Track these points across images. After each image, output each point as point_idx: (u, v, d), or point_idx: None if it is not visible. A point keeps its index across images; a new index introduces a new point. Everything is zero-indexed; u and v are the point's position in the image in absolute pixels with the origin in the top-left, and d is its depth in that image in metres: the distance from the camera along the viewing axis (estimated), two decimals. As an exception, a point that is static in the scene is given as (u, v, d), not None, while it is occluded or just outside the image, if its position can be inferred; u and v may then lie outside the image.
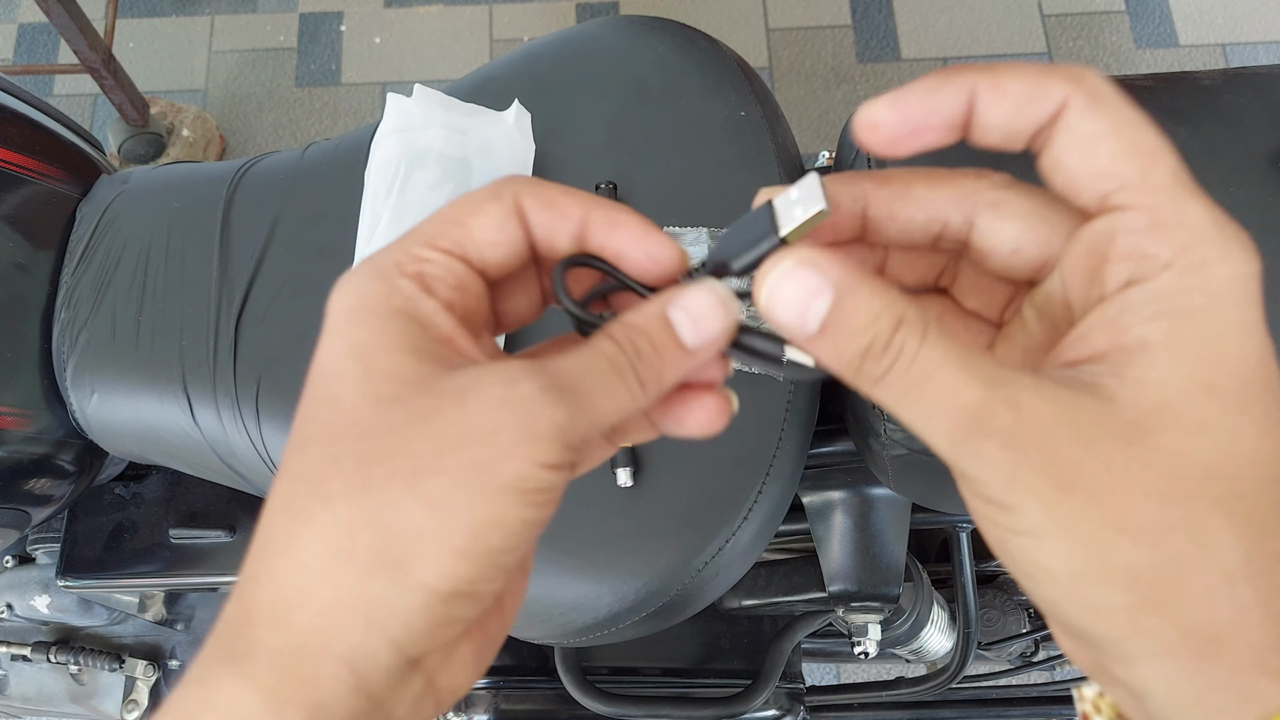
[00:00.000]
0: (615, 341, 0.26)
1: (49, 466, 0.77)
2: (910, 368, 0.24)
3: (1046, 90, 0.24)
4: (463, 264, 0.27)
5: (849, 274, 0.25)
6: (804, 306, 0.25)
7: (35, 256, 0.76)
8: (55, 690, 1.04)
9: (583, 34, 0.79)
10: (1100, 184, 0.24)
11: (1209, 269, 0.23)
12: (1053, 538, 0.23)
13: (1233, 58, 1.74)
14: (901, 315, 0.24)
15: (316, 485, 0.24)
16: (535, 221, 0.27)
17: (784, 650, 0.88)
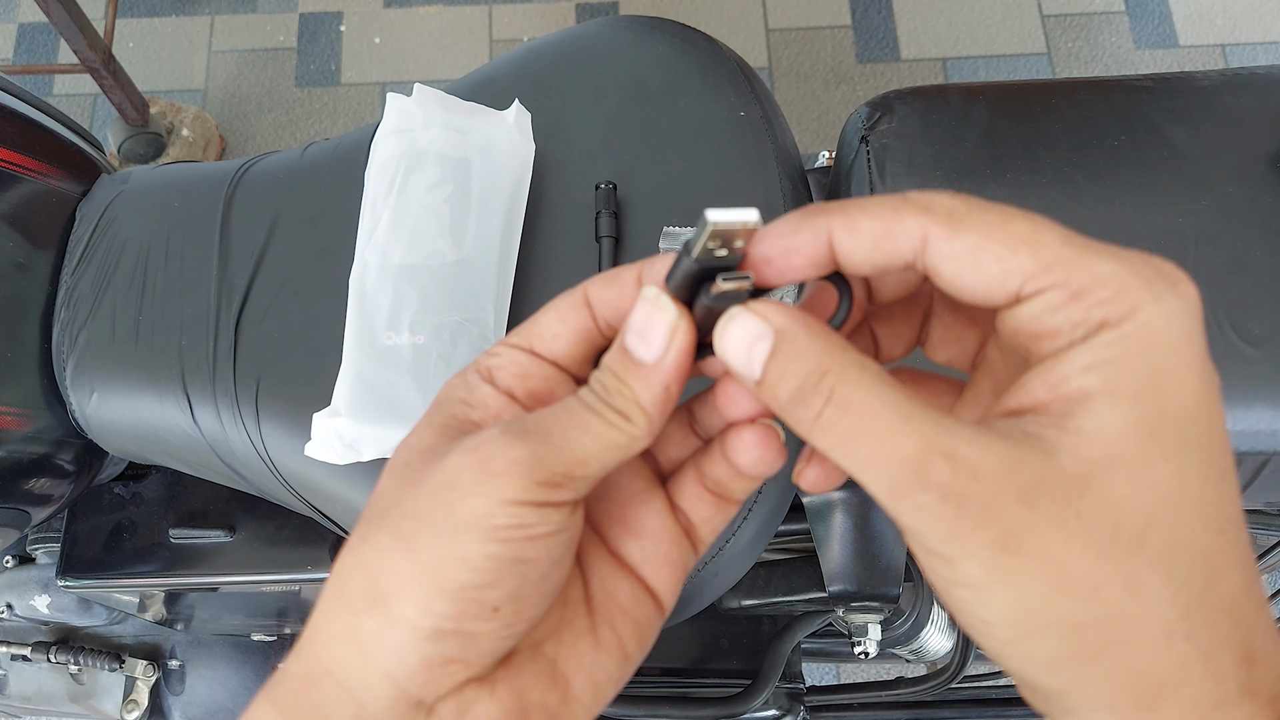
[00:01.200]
0: (589, 385, 0.28)
1: (48, 466, 0.77)
2: (845, 414, 0.24)
3: (901, 226, 0.25)
4: (528, 354, 0.29)
5: (790, 319, 0.25)
6: (749, 351, 0.26)
7: (35, 256, 0.76)
8: (55, 690, 1.04)
9: (582, 34, 0.79)
10: (1003, 287, 0.24)
11: (1139, 314, 0.23)
12: (992, 591, 0.23)
13: (1232, 58, 1.74)
14: (836, 360, 0.25)
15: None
16: (601, 302, 0.29)
17: (784, 650, 0.88)
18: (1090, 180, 0.66)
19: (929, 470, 0.23)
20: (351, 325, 0.67)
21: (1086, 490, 0.22)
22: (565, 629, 0.29)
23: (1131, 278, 0.23)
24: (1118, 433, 0.23)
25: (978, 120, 0.69)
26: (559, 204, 0.72)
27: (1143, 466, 0.22)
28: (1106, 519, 0.22)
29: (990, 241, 0.24)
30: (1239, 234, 0.64)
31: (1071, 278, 0.23)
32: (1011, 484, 0.23)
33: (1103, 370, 0.23)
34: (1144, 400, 0.23)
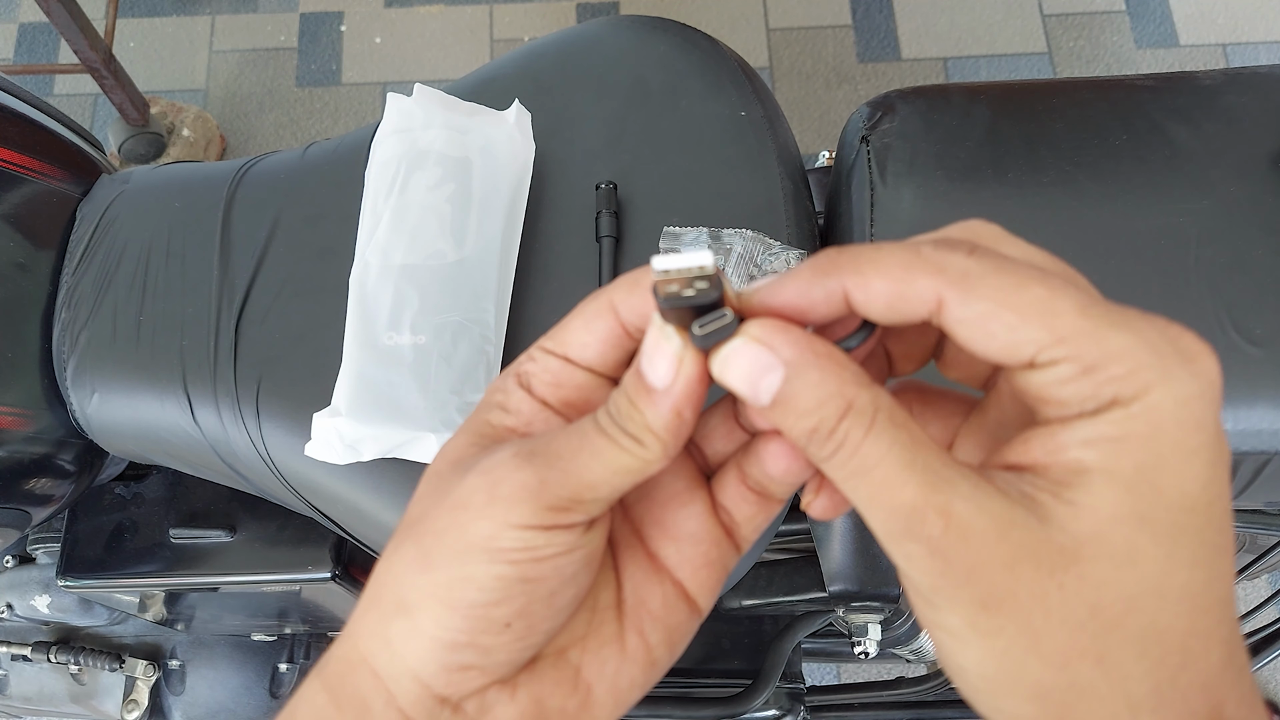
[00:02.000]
0: (605, 406, 0.27)
1: (49, 466, 0.77)
2: (853, 458, 0.24)
3: (914, 290, 0.24)
4: (562, 361, 0.29)
5: (801, 353, 0.25)
6: (755, 381, 0.25)
7: (36, 256, 0.76)
8: (55, 690, 1.04)
9: (583, 34, 0.79)
10: (1015, 355, 0.24)
11: (1150, 395, 0.22)
12: (970, 643, 0.24)
13: (1233, 58, 1.73)
14: (850, 402, 0.24)
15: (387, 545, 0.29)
16: (628, 309, 0.28)
17: (784, 650, 0.88)
18: (1092, 179, 0.66)
19: (922, 522, 0.23)
20: (352, 325, 0.67)
21: (1072, 565, 0.23)
22: (592, 636, 0.29)
23: (1146, 354, 0.23)
24: (1109, 515, 0.23)
25: (979, 120, 0.69)
26: (560, 204, 0.72)
27: (1131, 551, 0.23)
28: (1087, 598, 0.23)
29: (1003, 309, 0.23)
30: (1241, 233, 0.64)
31: (1084, 352, 0.23)
32: (999, 547, 0.23)
33: (1103, 448, 0.23)
34: (1140, 486, 0.23)
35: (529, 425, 0.29)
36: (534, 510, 0.26)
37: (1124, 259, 0.64)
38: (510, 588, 0.26)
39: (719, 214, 0.70)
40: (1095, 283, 0.55)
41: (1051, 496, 0.23)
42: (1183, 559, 0.23)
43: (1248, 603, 0.85)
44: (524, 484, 0.26)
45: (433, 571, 0.27)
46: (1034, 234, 0.61)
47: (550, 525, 0.26)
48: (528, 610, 0.27)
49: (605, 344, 0.29)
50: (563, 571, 0.27)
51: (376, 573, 0.29)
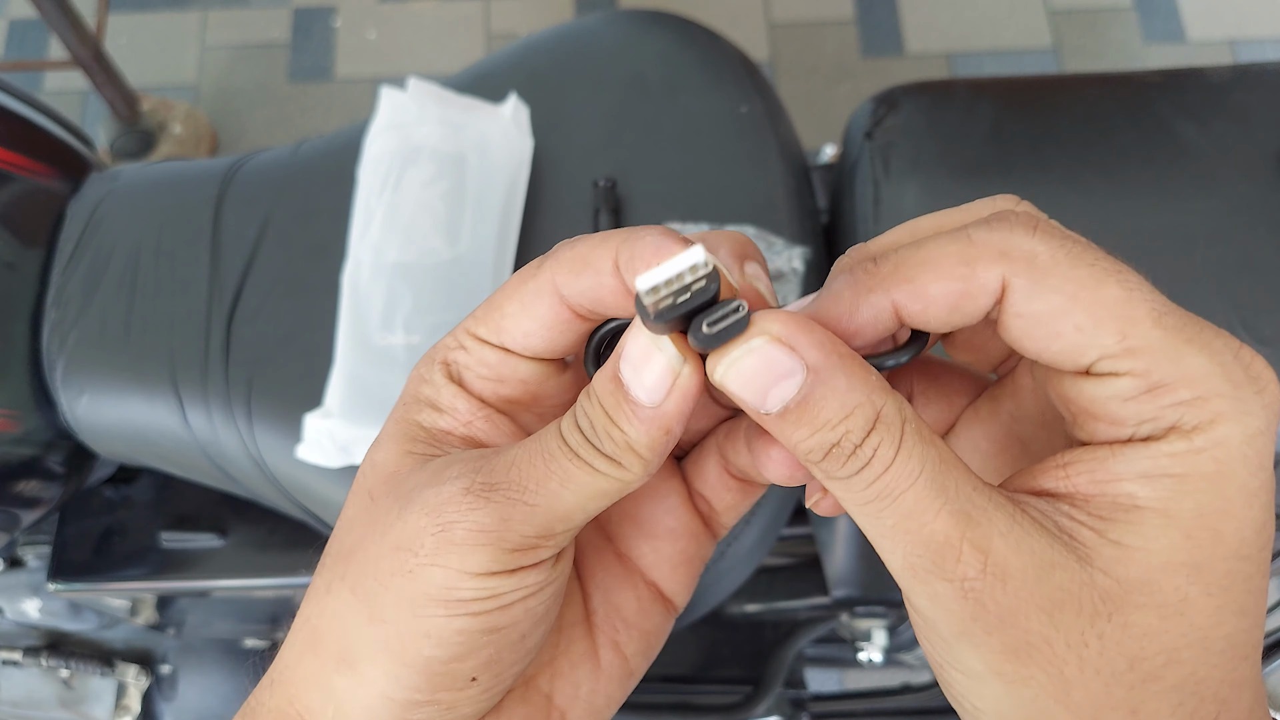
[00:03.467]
0: (574, 418, 0.23)
1: (38, 468, 0.76)
2: (878, 480, 0.21)
3: (978, 284, 0.21)
4: (500, 352, 0.25)
5: (828, 355, 0.21)
6: (766, 387, 0.21)
7: (24, 255, 0.75)
8: (45, 695, 1.03)
9: (581, 28, 0.78)
10: (1077, 358, 0.21)
11: (1218, 429, 0.20)
12: (991, 689, 0.21)
13: (1241, 54, 1.73)
14: (879, 412, 0.21)
15: (314, 578, 0.25)
16: (576, 293, 0.24)
17: (786, 657, 0.87)
18: (1099, 177, 0.65)
19: (956, 559, 0.21)
20: (344, 325, 0.66)
21: (1115, 613, 0.20)
22: (561, 658, 0.26)
23: (1221, 380, 0.20)
24: (1162, 561, 0.20)
25: (984, 116, 0.68)
26: (557, 201, 0.71)
27: (1181, 602, 0.20)
28: (1127, 649, 0.20)
29: (1077, 307, 0.21)
30: (1249, 232, 0.63)
31: (1154, 369, 0.20)
32: (1039, 591, 0.20)
33: (1162, 485, 0.20)
34: (1199, 532, 0.20)
35: (468, 426, 0.25)
36: (495, 555, 0.22)
37: (1131, 257, 0.62)
38: (474, 640, 0.23)
39: (719, 211, 0.69)
40: None
41: (1095, 534, 0.21)
42: (1231, 610, 0.21)
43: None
44: (482, 527, 0.22)
45: (381, 624, 0.23)
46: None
47: (516, 568, 0.22)
48: (495, 660, 0.23)
49: (550, 329, 0.24)
50: (534, 613, 0.23)
51: (308, 611, 0.24)
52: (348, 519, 0.25)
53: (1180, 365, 0.20)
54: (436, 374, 0.25)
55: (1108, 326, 0.20)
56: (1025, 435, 0.25)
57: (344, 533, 0.25)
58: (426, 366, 0.26)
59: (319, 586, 0.24)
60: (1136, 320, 0.20)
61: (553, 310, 0.24)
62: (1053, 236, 0.21)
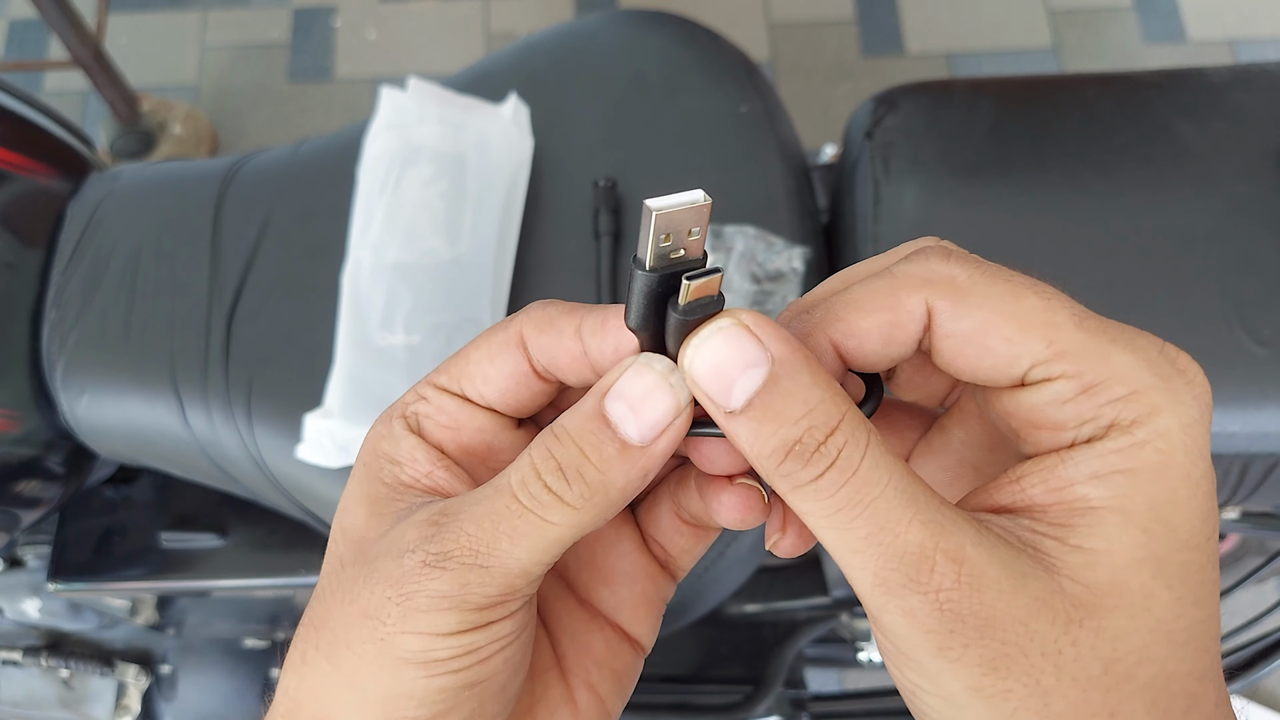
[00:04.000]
0: (531, 466, 0.23)
1: (38, 469, 0.76)
2: (846, 484, 0.21)
3: (905, 313, 0.22)
4: (458, 400, 0.25)
5: (793, 350, 0.21)
6: (731, 377, 0.21)
7: (24, 255, 0.75)
8: (46, 695, 1.03)
9: (581, 28, 0.78)
10: (1009, 370, 0.22)
11: (1156, 421, 0.21)
12: (969, 709, 0.21)
13: (1241, 54, 1.72)
14: (844, 413, 0.21)
15: (290, 648, 0.25)
16: (536, 348, 0.25)
17: (786, 657, 0.87)
18: (1098, 177, 0.65)
19: (930, 570, 0.20)
20: (344, 325, 0.66)
21: (1086, 618, 0.21)
22: (539, 705, 0.26)
23: (1149, 375, 0.21)
24: (1126, 560, 0.21)
25: (984, 116, 0.68)
26: (557, 201, 0.71)
27: (1146, 599, 0.21)
28: (1102, 652, 0.21)
29: (1000, 320, 0.21)
30: (1248, 232, 0.63)
31: (1085, 369, 0.21)
32: (1014, 600, 0.20)
33: (1113, 483, 0.21)
34: (1154, 525, 0.21)
35: (429, 477, 0.25)
36: (461, 617, 0.22)
37: (1130, 258, 0.63)
38: (457, 696, 0.23)
39: (720, 211, 0.69)
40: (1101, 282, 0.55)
41: (1058, 543, 0.21)
42: (1189, 600, 0.21)
43: (1256, 607, 0.84)
44: (442, 594, 0.22)
45: (360, 689, 0.23)
46: (1038, 232, 0.60)
47: (487, 623, 0.23)
48: (479, 712, 0.24)
49: (511, 381, 0.25)
50: (511, 662, 0.24)
51: (286, 682, 0.25)
52: (321, 589, 0.25)
53: (1110, 364, 0.21)
54: (396, 427, 0.26)
55: (1034, 334, 0.21)
56: (977, 461, 0.26)
57: (317, 602, 0.25)
58: (385, 423, 0.26)
59: (295, 658, 0.25)
60: (1060, 325, 0.21)
61: (515, 362, 0.25)
62: (967, 261, 0.22)
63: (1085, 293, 0.38)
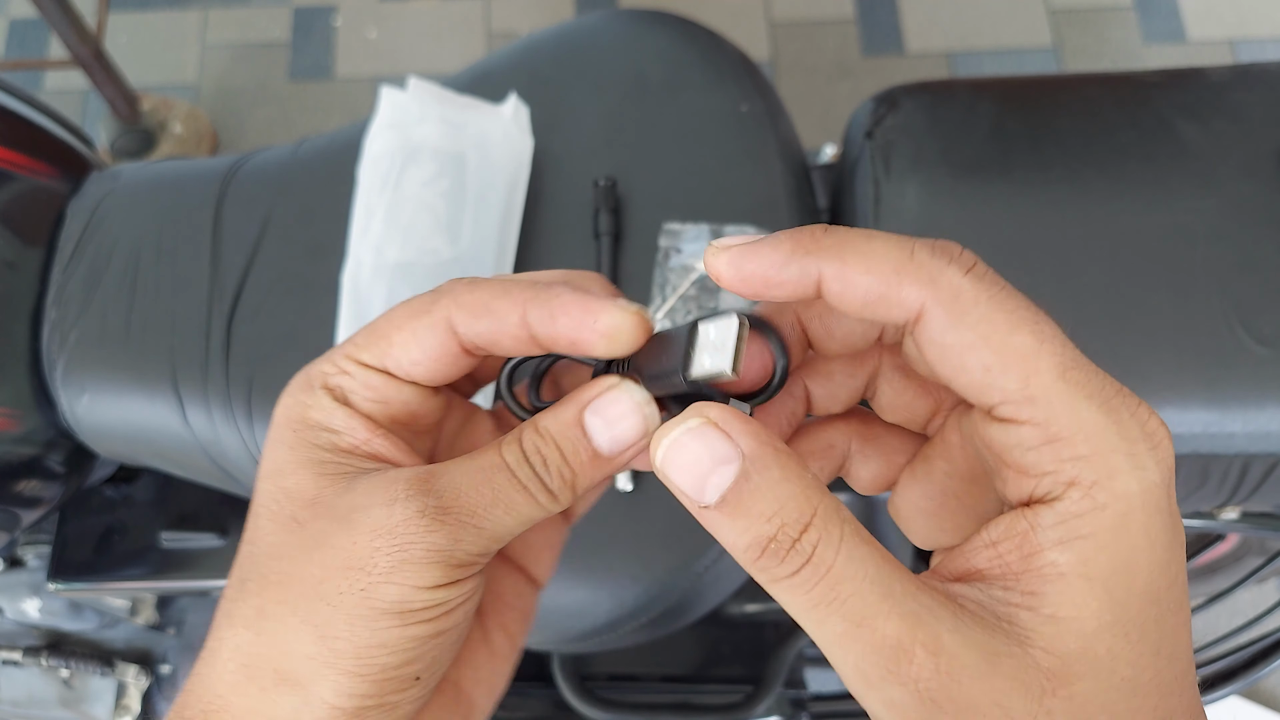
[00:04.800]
0: (521, 450, 0.25)
1: (38, 468, 0.76)
2: (822, 580, 0.21)
3: (899, 297, 0.22)
4: (384, 376, 0.27)
5: (762, 445, 0.22)
6: (705, 475, 0.22)
7: (24, 254, 0.75)
8: (46, 695, 1.03)
9: (582, 27, 0.78)
10: (981, 397, 0.22)
11: (1115, 482, 0.21)
12: None
13: (1241, 54, 1.72)
14: (816, 508, 0.22)
15: (231, 605, 0.26)
16: (472, 333, 0.26)
17: (787, 656, 0.87)
18: (1099, 176, 0.65)
19: (909, 660, 0.21)
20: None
21: (1059, 688, 0.21)
22: (464, 648, 0.29)
23: (1115, 437, 0.21)
24: (1094, 626, 0.21)
25: (984, 115, 0.68)
26: (557, 200, 0.71)
27: (1111, 660, 0.21)
28: (1073, 717, 0.21)
29: (986, 348, 0.22)
30: (1249, 231, 0.63)
31: (1051, 420, 0.21)
32: (991, 683, 0.21)
33: (1076, 548, 0.21)
34: (1116, 588, 0.21)
35: (368, 444, 0.26)
36: (440, 571, 0.24)
37: (1131, 257, 0.63)
38: (424, 645, 0.25)
39: (719, 210, 0.69)
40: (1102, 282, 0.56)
41: (1031, 613, 0.22)
42: (1150, 649, 0.22)
43: (1256, 607, 0.84)
44: (437, 547, 0.24)
45: (334, 641, 0.24)
46: (1039, 231, 0.60)
47: (459, 579, 0.25)
48: (438, 658, 0.26)
49: (437, 361, 0.26)
50: (469, 613, 0.26)
51: (236, 640, 0.25)
52: (270, 546, 0.25)
53: (1077, 419, 0.21)
54: (323, 399, 0.27)
55: (1013, 372, 0.22)
56: (959, 492, 0.26)
57: (271, 560, 0.25)
58: (307, 393, 0.27)
59: (246, 614, 0.25)
60: (1040, 371, 0.21)
61: (443, 344, 0.26)
62: (983, 279, 0.22)
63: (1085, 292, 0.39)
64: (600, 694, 0.86)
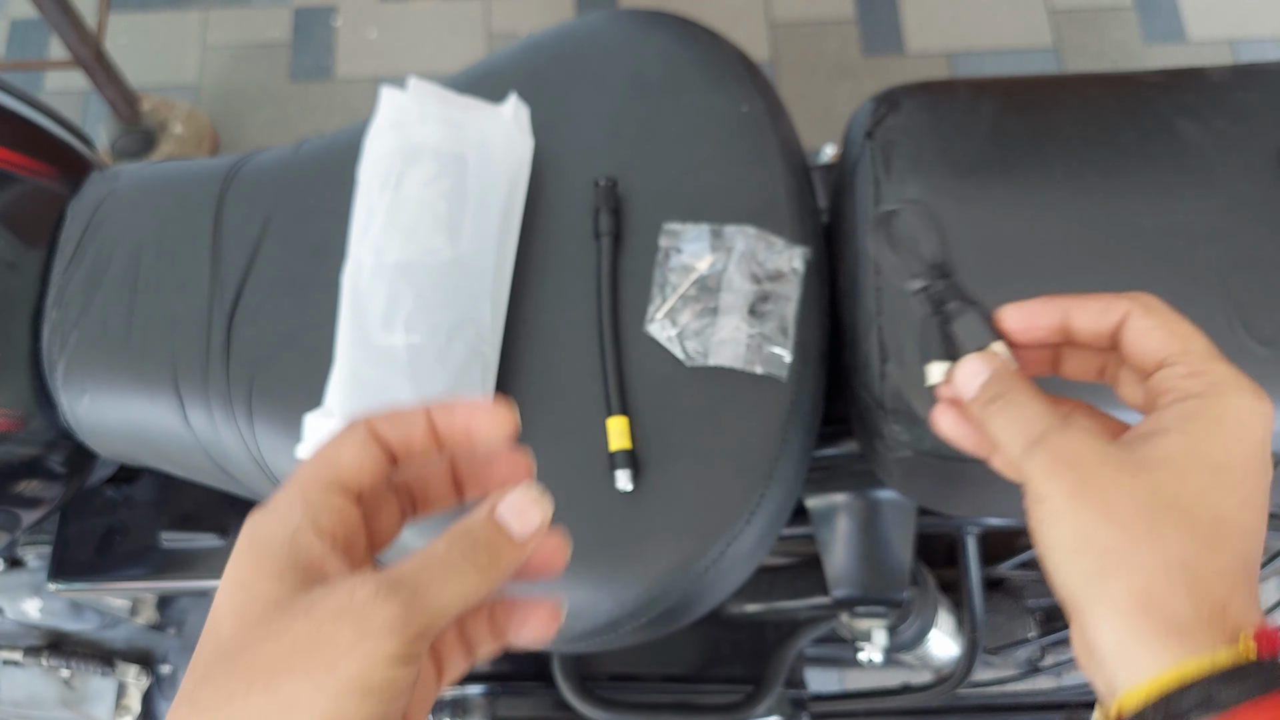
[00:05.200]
0: (453, 537, 0.31)
1: (39, 468, 0.76)
2: (1011, 407, 0.38)
3: (1114, 307, 0.38)
4: (339, 494, 0.32)
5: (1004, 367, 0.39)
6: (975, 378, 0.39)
7: (25, 255, 0.75)
8: (46, 695, 1.03)
9: (582, 27, 0.78)
10: (1157, 356, 0.37)
11: (1223, 396, 0.35)
12: (1062, 517, 0.34)
13: (1241, 53, 1.72)
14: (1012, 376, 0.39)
15: (194, 692, 0.29)
16: (391, 436, 0.33)
17: (787, 656, 0.87)
18: (1099, 176, 0.65)
19: (1047, 437, 0.36)
20: (345, 324, 0.66)
21: (1140, 470, 0.34)
22: None
23: (1234, 379, 0.35)
24: (1179, 451, 0.34)
25: (985, 115, 0.68)
26: (558, 200, 0.71)
27: (1184, 471, 0.34)
28: (1154, 489, 0.34)
29: (1162, 328, 0.37)
30: (1249, 231, 0.63)
31: (1197, 365, 0.36)
32: (1096, 456, 0.35)
33: (1182, 415, 0.35)
34: (1201, 440, 0.34)
35: (323, 562, 0.30)
36: (400, 642, 0.28)
37: (1131, 256, 0.63)
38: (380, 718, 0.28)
39: (720, 211, 0.69)
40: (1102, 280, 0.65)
41: (1140, 442, 0.35)
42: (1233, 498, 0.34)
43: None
44: (393, 617, 0.28)
45: (301, 714, 0.27)
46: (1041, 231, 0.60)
47: (412, 654, 0.28)
48: None
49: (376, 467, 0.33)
50: (414, 686, 0.30)
51: None
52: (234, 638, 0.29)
53: (1211, 366, 0.36)
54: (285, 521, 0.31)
55: (1176, 340, 0.36)
56: None
57: (234, 651, 0.28)
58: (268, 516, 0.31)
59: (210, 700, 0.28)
60: (1193, 341, 0.36)
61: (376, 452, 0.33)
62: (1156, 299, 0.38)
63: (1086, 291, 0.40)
64: (600, 694, 0.87)
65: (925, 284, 0.43)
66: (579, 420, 0.65)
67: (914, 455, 0.64)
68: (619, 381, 0.65)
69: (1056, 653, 1.05)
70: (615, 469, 0.63)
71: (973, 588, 0.87)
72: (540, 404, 0.66)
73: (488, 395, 0.65)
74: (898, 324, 0.63)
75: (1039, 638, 1.01)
